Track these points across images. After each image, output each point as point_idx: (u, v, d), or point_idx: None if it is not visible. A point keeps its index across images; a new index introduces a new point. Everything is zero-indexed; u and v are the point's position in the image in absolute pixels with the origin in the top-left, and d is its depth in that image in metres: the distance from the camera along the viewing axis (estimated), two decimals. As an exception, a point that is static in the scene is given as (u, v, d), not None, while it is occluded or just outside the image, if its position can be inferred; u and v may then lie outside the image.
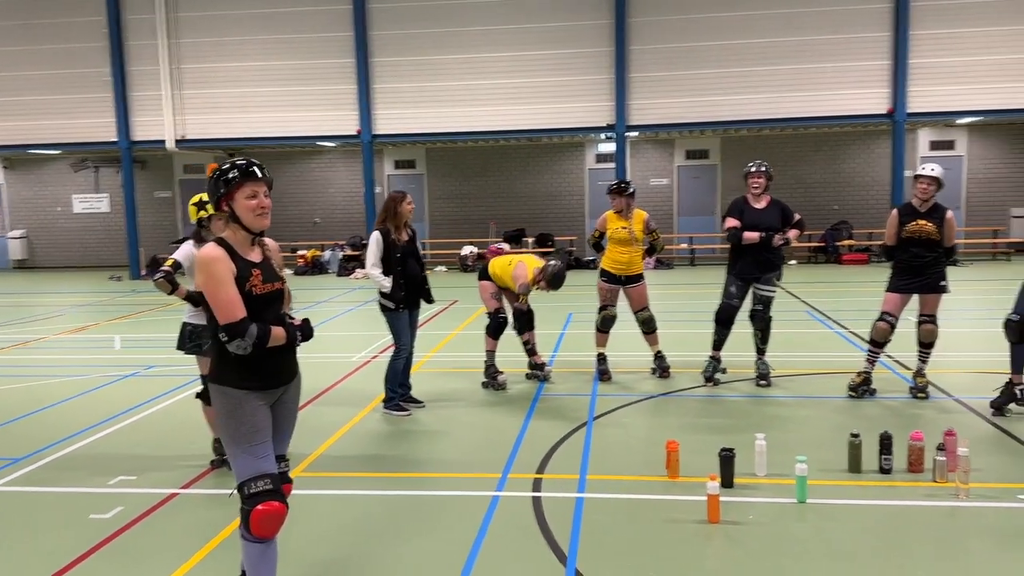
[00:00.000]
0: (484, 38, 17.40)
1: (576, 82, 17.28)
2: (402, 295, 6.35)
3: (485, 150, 20.41)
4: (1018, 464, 5.01)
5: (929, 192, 6.31)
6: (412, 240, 6.53)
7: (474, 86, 17.55)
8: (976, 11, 15.81)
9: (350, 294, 15.05)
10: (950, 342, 8.42)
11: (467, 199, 20.46)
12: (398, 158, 20.98)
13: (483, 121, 17.66)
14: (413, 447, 5.80)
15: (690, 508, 4.40)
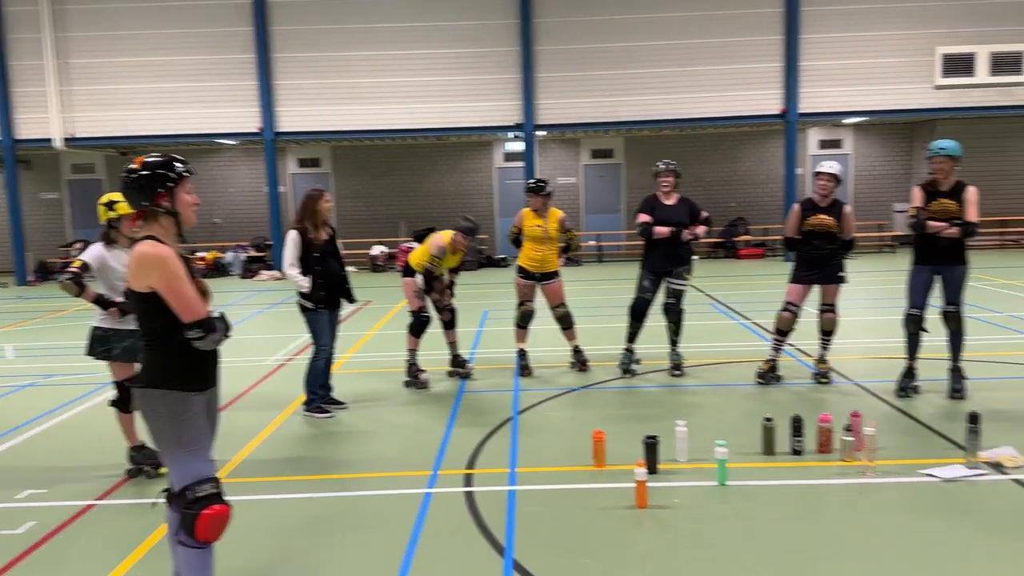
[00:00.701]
0: (391, 35, 17.26)
1: (484, 81, 17.37)
2: (321, 295, 6.25)
3: (393, 148, 20.24)
4: (917, 441, 5.37)
5: (828, 188, 6.69)
6: (332, 239, 6.44)
7: (381, 83, 17.39)
8: (862, 17, 16.79)
9: (257, 296, 14.67)
10: (847, 329, 8.93)
11: (375, 198, 20.24)
12: (302, 156, 20.54)
13: (390, 119, 17.52)
14: (338, 449, 5.74)
15: (619, 495, 4.53)
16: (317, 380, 6.42)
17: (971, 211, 6.07)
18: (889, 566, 3.68)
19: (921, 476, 4.67)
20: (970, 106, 17.10)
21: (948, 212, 6.09)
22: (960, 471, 4.68)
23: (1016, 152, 19.09)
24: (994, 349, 8.00)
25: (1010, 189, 19.14)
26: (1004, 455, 4.85)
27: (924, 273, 6.25)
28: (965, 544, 3.86)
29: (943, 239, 6.09)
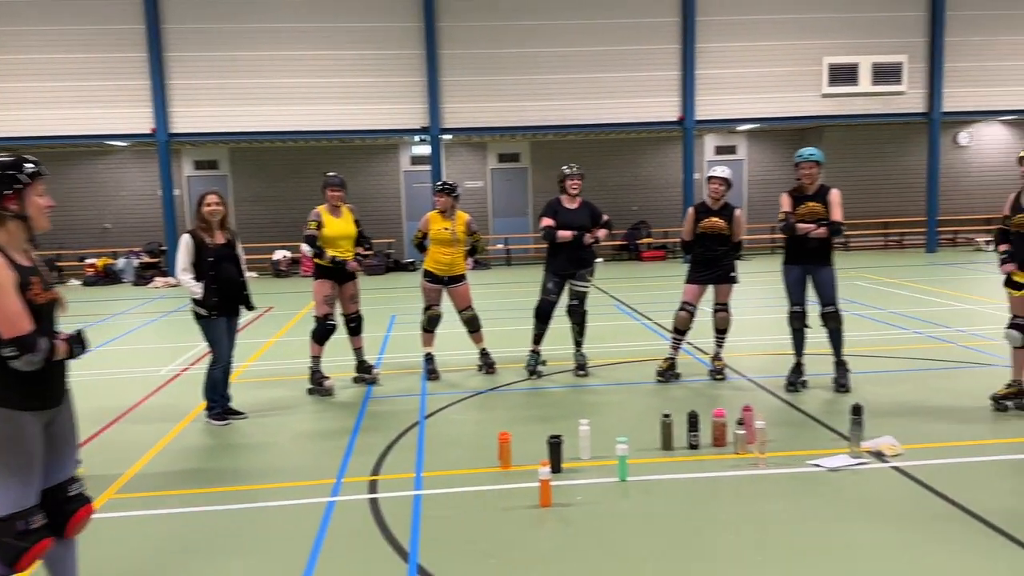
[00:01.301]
0: (291, 35, 16.91)
1: (389, 83, 17.24)
2: (215, 301, 6.06)
3: (296, 151, 19.81)
4: (805, 433, 5.64)
5: (720, 192, 6.96)
6: (230, 243, 6.24)
7: (281, 84, 17.01)
8: (753, 27, 17.52)
9: (151, 304, 14.08)
10: (741, 328, 9.29)
11: (276, 202, 19.73)
12: (199, 158, 19.86)
13: (292, 120, 17.17)
14: (238, 459, 5.58)
15: (523, 495, 4.58)
16: (217, 389, 6.22)
17: (836, 212, 6.49)
18: (778, 553, 3.85)
19: (808, 466, 4.91)
20: (854, 113, 18.08)
21: (815, 214, 6.48)
22: (844, 460, 4.94)
23: (896, 157, 20.30)
24: (877, 344, 8.49)
25: (891, 192, 20.34)
26: (885, 444, 5.14)
27: (796, 271, 6.63)
28: (849, 529, 4.08)
29: (812, 240, 6.46)
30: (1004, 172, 20.37)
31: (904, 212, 20.21)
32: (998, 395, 6.00)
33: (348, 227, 7.14)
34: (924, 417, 5.87)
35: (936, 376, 7.11)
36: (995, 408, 5.96)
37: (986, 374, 7.07)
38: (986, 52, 17.93)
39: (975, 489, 4.47)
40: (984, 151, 20.46)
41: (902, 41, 17.80)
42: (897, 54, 17.80)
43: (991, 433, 5.51)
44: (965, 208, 20.36)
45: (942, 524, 4.09)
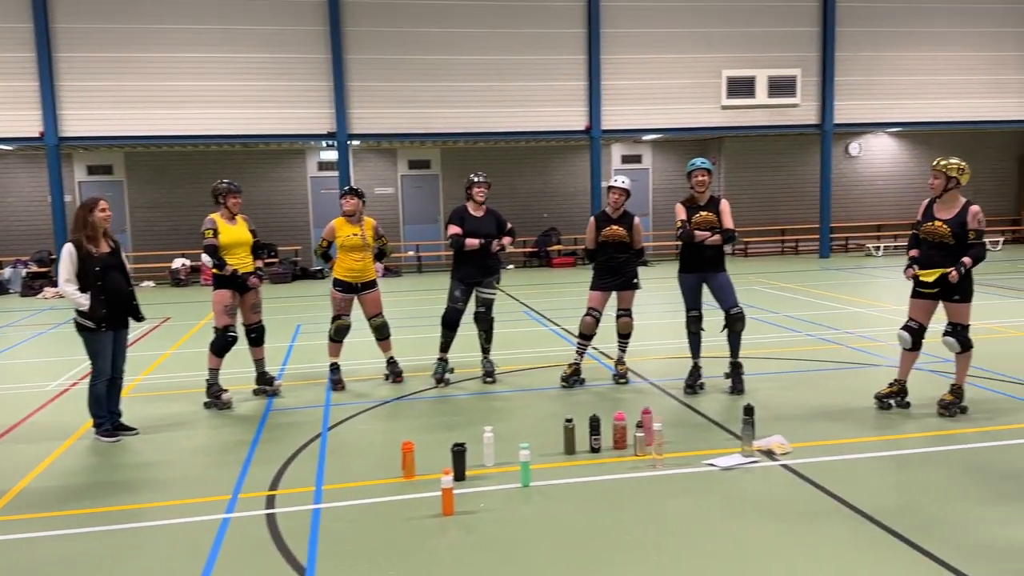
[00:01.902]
0: (191, 37, 16.40)
1: (295, 88, 16.93)
2: (103, 313, 5.80)
3: (196, 155, 19.18)
4: (701, 434, 5.82)
5: (620, 201, 7.13)
6: (115, 252, 5.99)
7: (181, 87, 16.47)
8: (656, 40, 18.02)
9: (39, 315, 13.37)
10: (644, 332, 9.52)
11: (176, 208, 19.05)
12: (92, 163, 18.99)
13: (192, 125, 16.64)
14: (127, 477, 5.34)
15: (426, 504, 4.56)
16: (101, 404, 5.96)
17: (727, 220, 6.76)
18: (673, 551, 3.96)
19: (703, 466, 5.07)
20: (751, 125, 18.81)
21: (709, 223, 6.73)
22: (737, 460, 5.13)
23: (791, 167, 21.22)
24: (770, 346, 8.84)
25: (787, 200, 21.25)
26: (775, 443, 5.36)
27: (691, 279, 6.88)
28: (740, 526, 4.23)
29: (708, 248, 6.71)
30: (892, 181, 21.62)
31: (799, 219, 21.14)
32: (881, 394, 6.33)
33: (244, 234, 6.97)
34: (812, 416, 6.14)
35: (824, 377, 7.45)
36: (879, 407, 6.29)
37: (871, 374, 7.46)
38: (874, 67, 18.97)
39: (856, 484, 4.71)
40: (873, 161, 21.62)
41: (796, 56, 18.65)
42: (791, 68, 18.63)
43: (873, 431, 5.81)
44: (856, 215, 21.46)
45: (826, 518, 4.28)
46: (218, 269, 6.84)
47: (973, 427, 5.75)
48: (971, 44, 19.14)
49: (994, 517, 4.21)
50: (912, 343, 6.17)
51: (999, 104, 19.46)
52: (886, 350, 8.43)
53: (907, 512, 4.30)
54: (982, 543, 3.92)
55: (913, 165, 21.57)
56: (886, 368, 7.62)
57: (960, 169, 5.92)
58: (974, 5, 19.03)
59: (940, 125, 19.67)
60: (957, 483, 4.71)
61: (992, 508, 4.33)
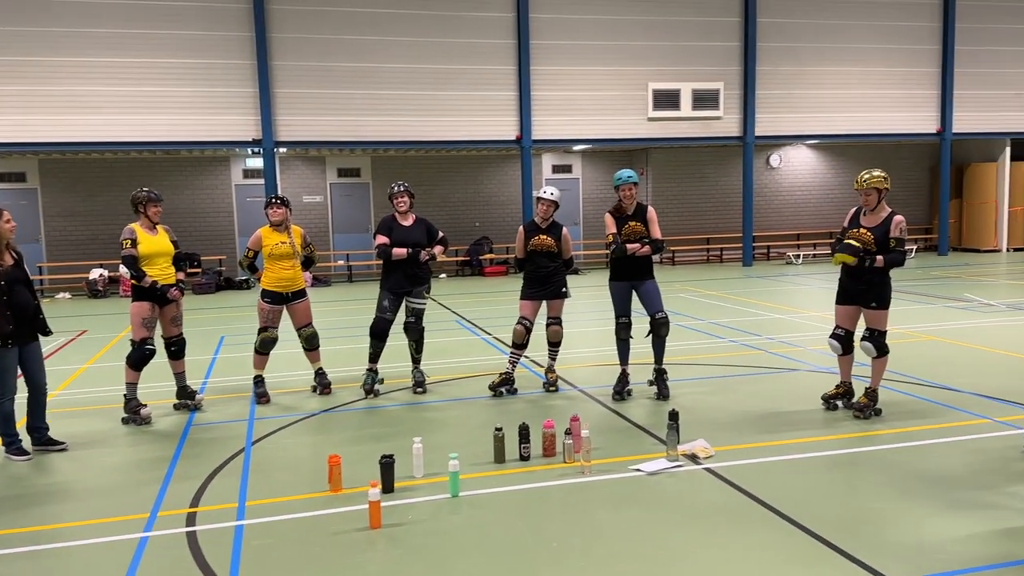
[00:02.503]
0: (109, 41, 15.86)
1: (219, 94, 16.54)
2: (10, 328, 5.55)
3: (115, 163, 18.55)
4: (629, 440, 5.90)
5: (548, 212, 7.20)
6: (19, 264, 5.74)
7: (100, 92, 15.91)
8: (584, 53, 18.27)
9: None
10: (575, 340, 9.62)
11: (94, 217, 18.38)
12: (3, 170, 18.15)
13: (111, 131, 16.08)
14: (43, 496, 5.11)
15: (353, 518, 4.50)
16: (9, 423, 5.70)
17: (655, 229, 6.91)
18: (600, 557, 4.00)
19: (630, 472, 5.14)
20: (676, 136, 19.24)
21: (637, 233, 6.85)
22: (662, 464, 5.22)
23: (715, 178, 21.77)
24: (695, 353, 9.04)
25: (711, 210, 21.80)
26: (698, 447, 5.48)
27: (622, 287, 7.00)
28: (664, 529, 4.30)
29: (638, 257, 6.83)
30: (811, 191, 22.40)
31: (723, 229, 21.71)
32: (828, 395, 6.55)
33: (165, 244, 6.77)
34: (734, 420, 6.30)
35: (747, 381, 7.65)
36: (826, 407, 6.49)
37: (792, 378, 7.71)
38: (793, 81, 19.64)
39: (776, 486, 4.85)
40: (793, 172, 22.37)
41: (719, 69, 19.17)
42: (714, 82, 19.14)
43: (792, 434, 5.99)
44: (777, 224, 22.16)
45: (748, 520, 4.39)
46: (137, 280, 6.63)
47: (887, 428, 5.99)
48: (886, 60, 20.02)
49: (908, 516, 4.40)
50: (843, 349, 6.41)
51: (912, 117, 20.39)
52: (806, 355, 8.72)
53: (825, 513, 4.44)
54: (896, 542, 4.08)
55: (831, 176, 22.41)
56: (805, 372, 7.89)
57: (885, 179, 6.18)
58: (889, 23, 19.92)
59: (856, 137, 20.50)
60: (872, 483, 4.90)
61: (906, 507, 4.51)
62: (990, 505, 4.49)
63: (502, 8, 17.80)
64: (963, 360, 8.26)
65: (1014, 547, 3.96)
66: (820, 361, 8.25)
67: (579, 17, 18.22)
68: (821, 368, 7.90)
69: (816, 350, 8.80)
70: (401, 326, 7.48)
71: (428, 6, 17.40)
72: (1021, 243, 21.81)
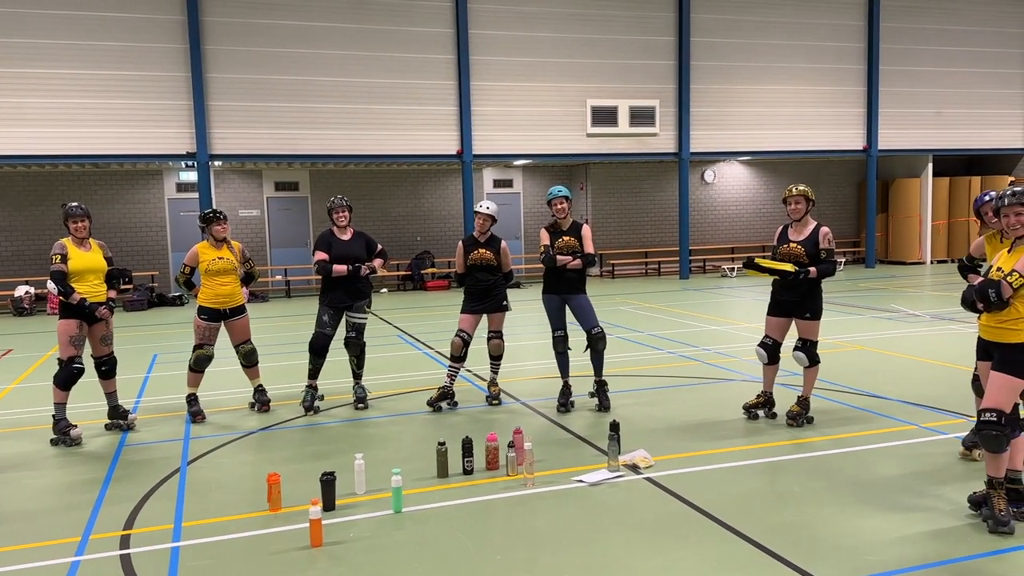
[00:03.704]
0: (33, 52, 15.36)
1: (151, 106, 16.15)
2: None
3: (40, 176, 17.93)
4: (571, 451, 5.95)
5: (485, 226, 7.26)
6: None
7: (24, 104, 15.38)
8: (523, 69, 18.43)
9: None
10: (518, 353, 9.67)
11: (19, 232, 17.72)
12: (-80, 184, 17.41)
13: (35, 144, 15.54)
14: (-39, 525, 4.90)
15: (293, 536, 4.43)
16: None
17: (588, 245, 7.03)
18: (544, 568, 4.02)
19: (573, 482, 5.19)
20: (614, 152, 19.55)
21: (571, 247, 6.96)
22: (603, 475, 5.29)
23: (651, 192, 22.17)
24: (635, 364, 9.18)
25: (649, 224, 22.18)
26: (639, 457, 5.56)
27: (554, 300, 7.10)
28: (606, 539, 4.36)
29: (569, 271, 6.93)
30: (744, 206, 23.01)
31: (661, 242, 22.11)
32: (748, 404, 6.71)
33: (97, 261, 6.59)
34: (673, 430, 6.42)
35: (685, 392, 7.81)
36: (747, 417, 6.65)
37: (728, 388, 7.89)
38: (726, 99, 20.17)
39: (714, 493, 4.96)
40: (727, 187, 22.94)
41: (654, 87, 19.57)
42: (651, 99, 19.52)
43: (729, 442, 6.14)
44: (712, 238, 22.67)
45: (687, 527, 4.49)
46: (64, 297, 6.42)
47: (820, 435, 6.18)
48: (814, 79, 20.72)
49: (841, 520, 4.55)
50: (768, 358, 6.58)
51: (840, 135, 21.14)
52: (740, 365, 8.94)
53: (761, 519, 4.57)
54: (831, 545, 4.22)
55: (763, 191, 23.06)
56: (740, 383, 8.09)
57: (812, 193, 6.42)
58: (817, 43, 20.65)
59: (787, 154, 21.14)
60: (807, 489, 5.05)
61: (840, 511, 4.66)
62: (920, 508, 4.68)
63: (441, 24, 17.85)
64: (890, 368, 8.58)
65: (944, 548, 4.14)
66: (754, 371, 8.47)
67: (519, 34, 18.40)
68: (755, 378, 8.11)
69: (750, 360, 9.03)
70: (342, 341, 7.41)
71: (366, 20, 17.34)
72: (944, 255, 22.76)
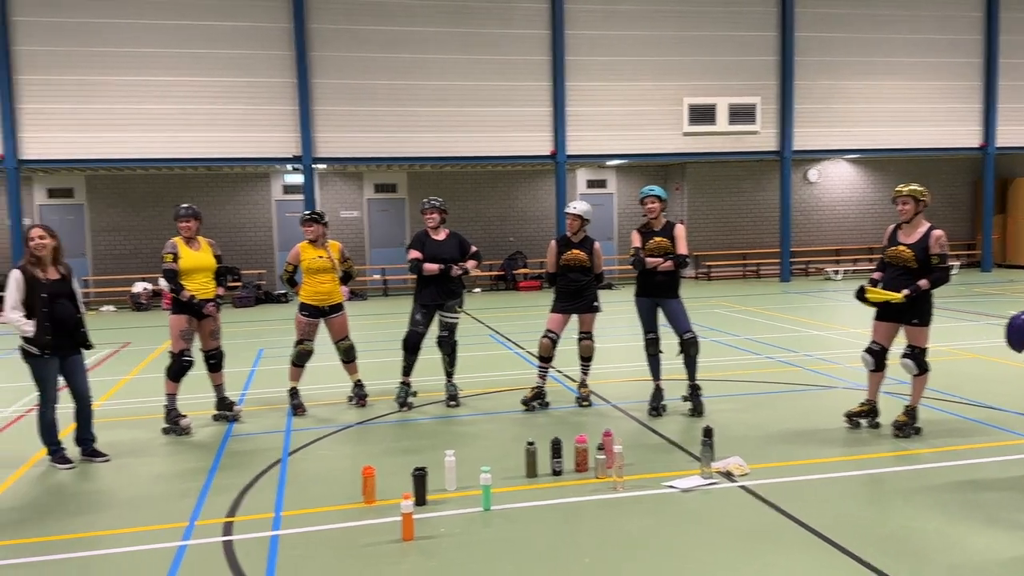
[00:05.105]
0: (154, 61, 16.31)
1: (259, 111, 16.88)
2: (48, 339, 5.71)
3: (159, 178, 19.01)
4: (662, 456, 5.86)
5: (575, 226, 7.22)
6: (65, 279, 5.91)
7: (145, 110, 16.34)
8: (619, 68, 18.30)
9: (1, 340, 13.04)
10: (609, 355, 9.59)
11: (138, 232, 18.83)
12: (52, 186, 18.71)
13: (154, 148, 16.49)
14: (84, 504, 5.23)
15: (386, 529, 4.54)
16: (52, 431, 5.88)
17: (681, 246, 6.87)
18: (632, 572, 3.98)
19: (663, 488, 5.11)
20: (712, 151, 19.14)
21: (663, 248, 6.83)
22: (696, 481, 5.18)
23: (751, 192, 21.58)
24: (731, 369, 8.95)
25: (748, 225, 21.59)
26: (733, 464, 5.43)
27: (646, 303, 6.98)
28: (697, 547, 4.27)
29: (660, 273, 6.80)
30: (850, 206, 22.09)
31: (760, 244, 21.49)
32: (851, 412, 6.45)
33: (206, 259, 6.92)
34: (770, 437, 6.23)
35: (783, 398, 7.56)
36: (849, 426, 6.39)
37: (829, 396, 7.60)
38: (832, 95, 19.45)
39: (813, 504, 4.79)
40: (832, 187, 22.09)
41: (755, 84, 19.05)
42: (751, 96, 19.02)
43: (830, 451, 5.91)
44: (816, 240, 21.87)
45: (783, 538, 4.34)
46: (175, 293, 6.79)
47: (928, 447, 5.88)
48: (927, 73, 19.72)
49: (947, 536, 4.31)
50: (875, 364, 6.30)
51: (955, 131, 20.04)
52: (844, 372, 8.59)
53: (863, 532, 4.37)
54: (934, 561, 4.00)
55: (871, 191, 22.08)
56: (842, 390, 7.77)
57: (924, 192, 6.11)
58: (928, 36, 19.64)
59: (897, 152, 20.19)
60: (910, 502, 4.81)
61: (945, 526, 4.42)
62: (1034, 527, 4.39)
63: (537, 26, 17.92)
64: (1006, 378, 8.07)
65: (1059, 570, 3.87)
66: (857, 378, 8.11)
67: (615, 33, 18.27)
68: (857, 385, 7.76)
69: (854, 367, 8.66)
70: (434, 340, 7.53)
71: (464, 24, 17.59)
72: (1069, 259, 21.26)
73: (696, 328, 7.03)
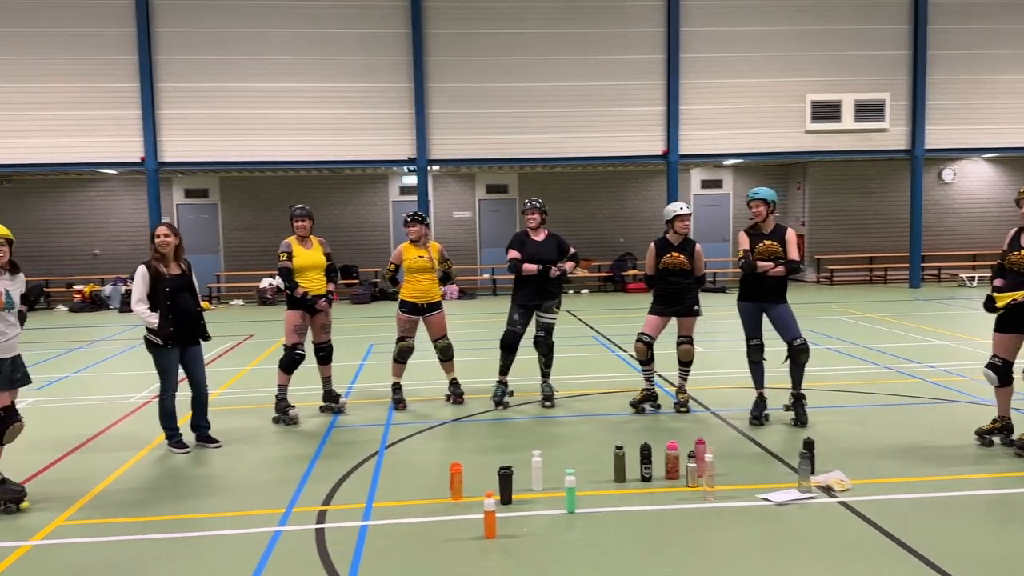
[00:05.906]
0: (281, 67, 17.16)
1: (378, 115, 17.46)
2: (170, 331, 6.11)
3: (285, 180, 19.99)
4: (759, 467, 5.66)
5: (689, 227, 7.06)
6: (186, 274, 6.31)
7: (271, 115, 17.22)
8: (737, 65, 17.77)
9: (132, 331, 14.09)
10: (711, 360, 9.34)
11: (265, 230, 19.81)
12: (189, 187, 20.03)
13: (281, 151, 17.35)
14: (192, 487, 5.57)
15: (469, 526, 4.59)
16: (171, 417, 6.28)
17: (792, 250, 6.57)
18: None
19: (757, 500, 4.93)
20: (837, 150, 18.28)
21: (773, 252, 6.55)
22: (792, 495, 4.97)
23: (879, 193, 20.49)
24: (842, 379, 8.53)
25: (875, 227, 20.50)
26: (834, 479, 5.16)
27: (750, 307, 6.72)
28: (786, 563, 4.09)
29: (769, 278, 6.52)
30: (988, 208, 20.58)
31: (888, 247, 20.34)
32: (983, 430, 6.02)
33: (317, 258, 7.22)
34: (878, 452, 5.89)
35: (897, 412, 7.13)
36: (980, 443, 5.97)
37: (948, 410, 7.12)
38: (968, 91, 18.19)
39: (919, 526, 4.49)
40: (969, 188, 20.67)
41: (884, 79, 18.06)
42: (879, 92, 18.04)
43: (943, 470, 5.53)
44: (950, 244, 20.51)
45: (882, 560, 4.10)
46: (290, 290, 7.12)
47: (1056, 470, 5.41)
48: (1076, 65, 18.14)
49: (1066, 567, 3.95)
50: (1000, 380, 5.86)
51: (1109, 128, 18.33)
52: (969, 385, 8.02)
53: (971, 557, 4.07)
54: (1048, 594, 3.68)
55: (1011, 192, 20.41)
56: (965, 404, 7.26)
57: None
58: (1080, 24, 18.06)
59: (1043, 150, 18.66)
60: (1029, 529, 4.43)
61: (1065, 558, 4.06)
62: None
63: (652, 24, 17.67)
64: None
65: None
66: (984, 393, 7.55)
67: (732, 29, 17.77)
68: (984, 400, 7.23)
69: (979, 380, 8.06)
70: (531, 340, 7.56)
71: (577, 24, 17.57)
72: None
73: (809, 335, 6.73)
